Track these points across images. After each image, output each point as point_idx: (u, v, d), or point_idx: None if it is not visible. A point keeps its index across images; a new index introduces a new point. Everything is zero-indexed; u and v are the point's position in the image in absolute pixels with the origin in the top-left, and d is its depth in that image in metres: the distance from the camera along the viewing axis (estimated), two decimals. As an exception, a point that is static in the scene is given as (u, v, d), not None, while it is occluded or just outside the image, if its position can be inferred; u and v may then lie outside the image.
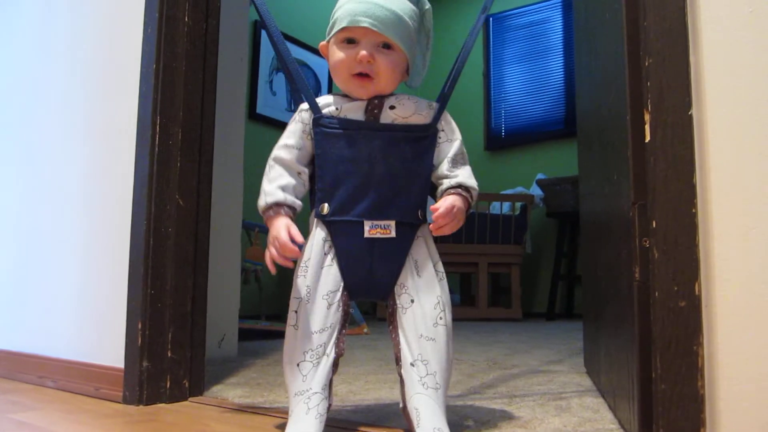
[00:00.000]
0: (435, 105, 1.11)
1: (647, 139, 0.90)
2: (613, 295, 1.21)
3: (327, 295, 1.04)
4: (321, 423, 1.00)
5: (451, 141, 1.10)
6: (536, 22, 5.23)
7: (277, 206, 1.04)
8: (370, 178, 1.04)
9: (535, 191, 4.43)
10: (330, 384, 1.05)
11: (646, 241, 0.92)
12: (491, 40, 5.44)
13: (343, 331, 1.06)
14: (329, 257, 1.06)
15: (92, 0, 1.83)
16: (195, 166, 1.53)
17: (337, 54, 1.06)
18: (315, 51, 4.54)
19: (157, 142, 1.48)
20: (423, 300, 1.05)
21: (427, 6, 1.11)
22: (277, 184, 1.06)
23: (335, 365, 1.05)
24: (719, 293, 0.83)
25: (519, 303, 4.25)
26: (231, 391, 1.52)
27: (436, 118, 1.09)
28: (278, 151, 1.09)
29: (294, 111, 1.12)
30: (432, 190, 1.13)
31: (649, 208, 0.89)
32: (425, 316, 1.04)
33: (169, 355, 1.45)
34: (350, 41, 1.05)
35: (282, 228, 1.02)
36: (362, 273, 1.06)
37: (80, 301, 1.68)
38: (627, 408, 1.03)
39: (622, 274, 1.07)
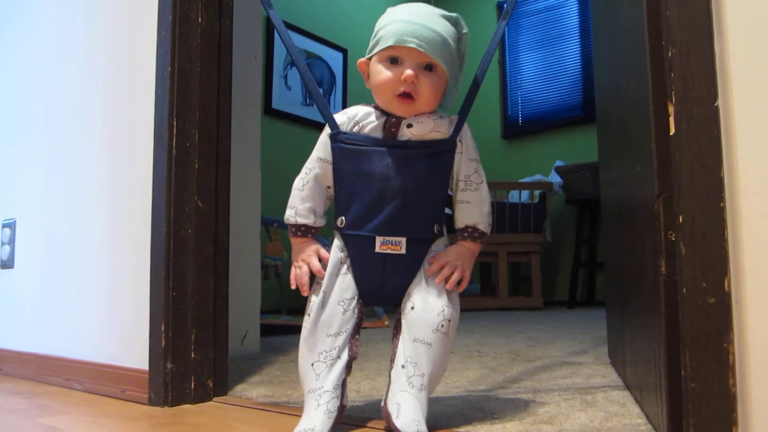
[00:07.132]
0: (454, 118, 1.11)
1: (672, 131, 0.87)
2: (637, 287, 1.19)
3: (342, 301, 1.08)
4: (330, 419, 1.03)
5: (469, 159, 1.10)
6: (551, 6, 5.16)
7: (306, 229, 1.11)
8: (383, 195, 1.06)
9: (554, 178, 4.38)
10: (343, 385, 1.08)
11: (672, 235, 0.89)
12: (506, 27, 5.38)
13: (357, 335, 1.10)
14: (345, 266, 1.10)
15: (107, 5, 1.83)
16: (212, 166, 1.53)
17: (382, 73, 1.06)
18: (327, 43, 4.52)
19: (174, 145, 1.48)
20: (428, 306, 1.06)
21: (465, 30, 1.11)
22: (309, 205, 1.11)
23: (348, 368, 1.09)
24: (749, 289, 0.80)
25: (540, 292, 4.23)
26: (255, 389, 1.53)
27: (456, 131, 1.09)
28: (313, 164, 1.12)
29: (309, 104, 1.15)
30: (449, 202, 1.14)
31: (675, 202, 0.87)
32: (426, 321, 1.05)
33: (193, 356, 1.46)
34: (393, 60, 1.05)
35: (314, 255, 1.10)
36: (374, 284, 1.10)
37: (106, 305, 1.70)
38: (654, 402, 1.01)
39: (647, 266, 1.05)
